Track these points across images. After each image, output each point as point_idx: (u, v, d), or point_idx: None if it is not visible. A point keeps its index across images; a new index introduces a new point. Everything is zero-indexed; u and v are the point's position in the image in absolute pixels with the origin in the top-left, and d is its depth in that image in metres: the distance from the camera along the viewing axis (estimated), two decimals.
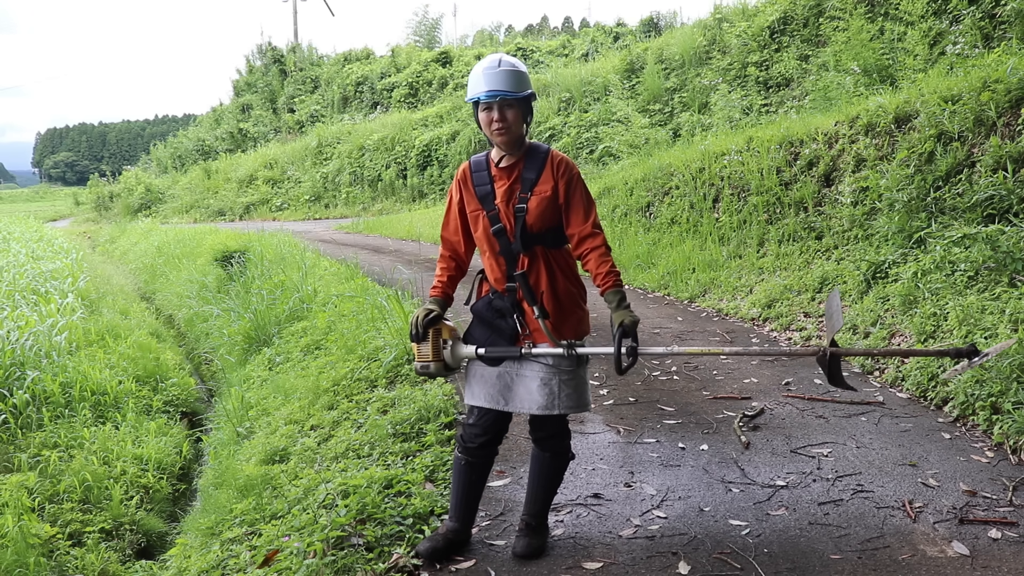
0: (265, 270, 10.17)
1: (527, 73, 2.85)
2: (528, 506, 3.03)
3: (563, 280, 2.91)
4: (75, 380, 7.12)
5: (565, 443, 3.00)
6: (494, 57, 2.82)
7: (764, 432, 4.21)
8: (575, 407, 2.90)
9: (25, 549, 4.49)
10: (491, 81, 2.76)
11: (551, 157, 2.87)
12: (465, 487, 3.01)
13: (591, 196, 2.92)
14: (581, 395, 2.91)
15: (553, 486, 3.04)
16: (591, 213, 2.87)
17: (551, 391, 2.84)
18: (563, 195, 2.85)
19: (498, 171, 2.89)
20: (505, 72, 2.76)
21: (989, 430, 3.97)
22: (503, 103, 2.77)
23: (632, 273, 9.20)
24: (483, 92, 2.77)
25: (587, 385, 2.96)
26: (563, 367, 2.85)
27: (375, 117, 28.33)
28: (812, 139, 8.09)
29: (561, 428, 2.97)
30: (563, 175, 2.85)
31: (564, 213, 2.87)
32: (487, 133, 2.83)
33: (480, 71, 2.80)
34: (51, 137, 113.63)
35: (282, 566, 3.00)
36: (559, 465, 3.02)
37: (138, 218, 26.89)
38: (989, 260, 4.95)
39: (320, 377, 5.83)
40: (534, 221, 2.83)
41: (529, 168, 2.85)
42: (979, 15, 8.60)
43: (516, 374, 2.89)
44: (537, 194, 2.83)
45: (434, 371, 2.94)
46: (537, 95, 2.97)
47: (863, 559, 2.87)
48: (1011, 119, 5.79)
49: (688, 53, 16.50)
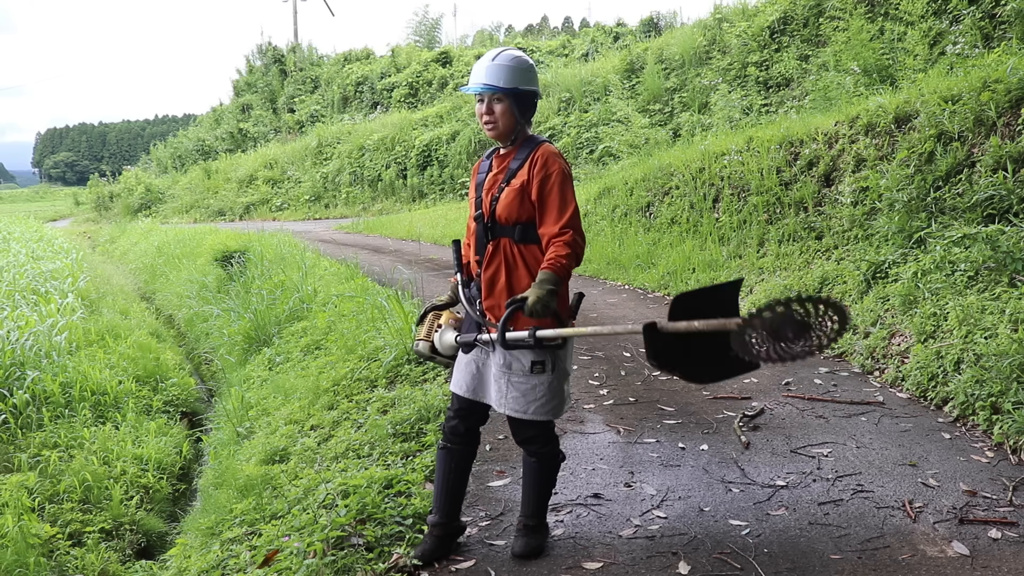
0: (265, 270, 10.17)
1: (530, 69, 2.79)
2: (524, 507, 3.02)
3: (527, 278, 2.79)
4: (75, 380, 7.12)
5: (548, 448, 2.93)
6: (495, 50, 2.81)
7: (764, 432, 4.20)
8: (516, 410, 2.80)
9: (25, 549, 4.49)
10: (484, 74, 2.76)
11: (535, 151, 2.79)
12: (443, 474, 2.99)
13: (571, 196, 2.76)
14: (528, 402, 2.78)
15: (545, 488, 3.00)
16: (565, 215, 2.70)
17: (500, 389, 2.82)
18: (535, 192, 2.75)
19: (496, 159, 2.91)
20: (499, 66, 2.74)
21: (989, 430, 3.97)
22: (492, 96, 2.76)
23: (632, 273, 9.20)
24: (474, 84, 2.77)
25: (542, 395, 2.79)
26: (511, 370, 2.79)
27: (375, 117, 28.33)
28: (812, 139, 8.09)
29: (539, 432, 2.89)
30: (539, 172, 2.75)
31: (537, 211, 2.77)
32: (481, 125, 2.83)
33: (479, 63, 2.80)
34: (51, 137, 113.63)
35: (282, 566, 3.00)
36: (546, 468, 2.96)
37: (138, 218, 26.89)
38: (989, 260, 4.94)
39: (320, 377, 5.83)
40: (502, 212, 2.78)
41: (516, 159, 2.82)
42: (979, 15, 8.60)
43: (483, 364, 2.89)
44: (511, 186, 2.79)
45: (421, 350, 3.00)
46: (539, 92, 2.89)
47: (863, 559, 2.87)
48: (1011, 119, 5.79)
49: (688, 53, 16.50)
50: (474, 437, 3.04)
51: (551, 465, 2.97)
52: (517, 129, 2.84)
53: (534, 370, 2.77)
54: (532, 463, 2.95)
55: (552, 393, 2.82)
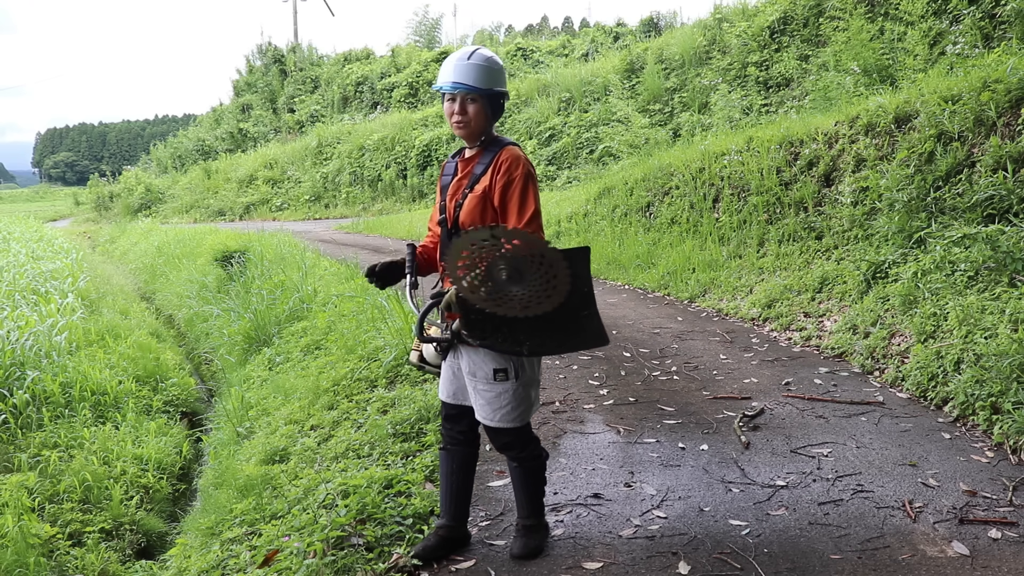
0: (265, 270, 10.17)
1: (502, 70, 2.78)
2: (519, 510, 3.03)
3: None
4: (75, 380, 7.12)
5: (527, 452, 2.90)
6: (468, 49, 2.77)
7: (764, 432, 4.20)
8: (484, 417, 2.78)
9: (25, 549, 4.49)
10: (457, 72, 2.72)
11: (499, 155, 2.75)
12: (446, 476, 3.02)
13: (533, 197, 2.71)
14: (494, 410, 2.76)
15: (535, 489, 2.98)
16: (525, 215, 2.67)
17: (470, 395, 2.82)
18: (498, 197, 2.71)
19: (461, 162, 2.88)
20: (474, 65, 2.71)
21: (989, 430, 3.97)
22: (465, 96, 2.73)
23: (632, 273, 9.21)
24: (447, 83, 2.73)
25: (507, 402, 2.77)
26: (475, 377, 2.77)
27: (375, 117, 28.33)
28: (812, 139, 8.09)
29: (515, 439, 2.85)
30: (502, 176, 2.71)
31: (499, 214, 2.73)
32: (449, 124, 2.80)
33: (450, 61, 2.76)
34: (51, 137, 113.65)
35: (282, 566, 3.00)
36: (530, 470, 2.94)
37: (138, 218, 26.89)
38: (989, 260, 4.95)
39: (320, 377, 5.83)
40: (465, 218, 2.75)
41: (480, 163, 2.79)
42: (979, 15, 8.60)
43: (458, 368, 2.88)
44: (474, 192, 2.76)
45: (413, 360, 3.03)
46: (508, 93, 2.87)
47: (863, 559, 2.87)
48: (1011, 119, 5.79)
49: (688, 53, 16.51)
50: (471, 438, 3.03)
51: (534, 466, 2.95)
52: (487, 130, 2.81)
53: (497, 378, 2.74)
54: (515, 468, 2.95)
55: (518, 400, 2.78)
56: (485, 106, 2.75)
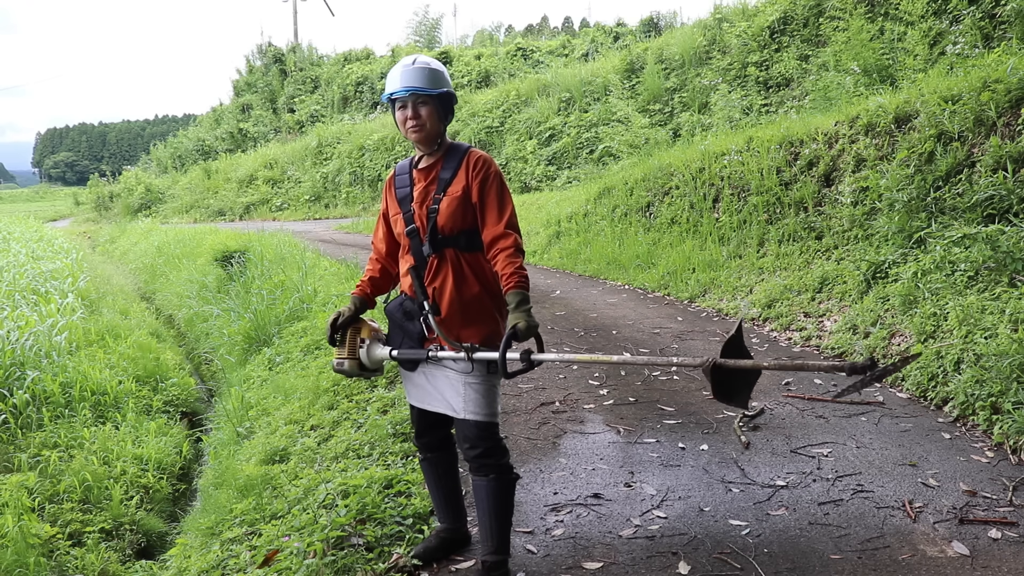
0: (265, 270, 10.17)
1: (445, 73, 2.82)
2: (487, 542, 2.80)
3: (476, 286, 2.77)
4: (75, 380, 7.12)
5: (503, 460, 2.80)
6: (410, 57, 2.81)
7: (764, 432, 4.20)
8: (479, 413, 2.76)
9: (25, 549, 4.49)
10: (405, 78, 2.74)
11: (468, 156, 2.79)
12: (434, 485, 3.05)
13: (508, 197, 2.79)
14: (489, 403, 2.76)
15: (506, 513, 2.82)
16: (505, 214, 2.74)
17: (456, 394, 2.78)
18: (476, 195, 2.75)
19: (418, 172, 2.87)
20: (419, 69, 2.74)
21: (989, 430, 3.97)
22: (417, 100, 2.75)
23: (632, 273, 9.21)
24: (397, 88, 2.75)
25: (496, 395, 2.80)
26: (469, 373, 2.75)
27: (375, 117, 28.31)
28: (812, 139, 8.09)
29: (494, 443, 2.79)
30: (477, 174, 2.76)
31: (478, 214, 2.76)
32: (403, 132, 2.81)
33: (396, 70, 2.79)
34: (51, 137, 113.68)
35: (282, 566, 3.00)
36: (504, 486, 2.79)
37: (138, 218, 26.89)
38: (989, 260, 4.95)
39: (320, 377, 5.83)
40: (445, 222, 2.75)
41: (446, 168, 2.80)
42: (979, 15, 8.60)
43: (430, 375, 2.85)
44: (449, 194, 2.76)
45: (348, 369, 2.91)
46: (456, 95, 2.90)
47: (863, 559, 2.87)
48: (1011, 119, 5.79)
49: (688, 53, 16.50)
50: (448, 443, 3.03)
51: (507, 481, 2.81)
52: (441, 132, 2.82)
53: (490, 369, 2.75)
54: (489, 483, 2.77)
55: (496, 393, 2.82)
56: (437, 107, 2.77)
